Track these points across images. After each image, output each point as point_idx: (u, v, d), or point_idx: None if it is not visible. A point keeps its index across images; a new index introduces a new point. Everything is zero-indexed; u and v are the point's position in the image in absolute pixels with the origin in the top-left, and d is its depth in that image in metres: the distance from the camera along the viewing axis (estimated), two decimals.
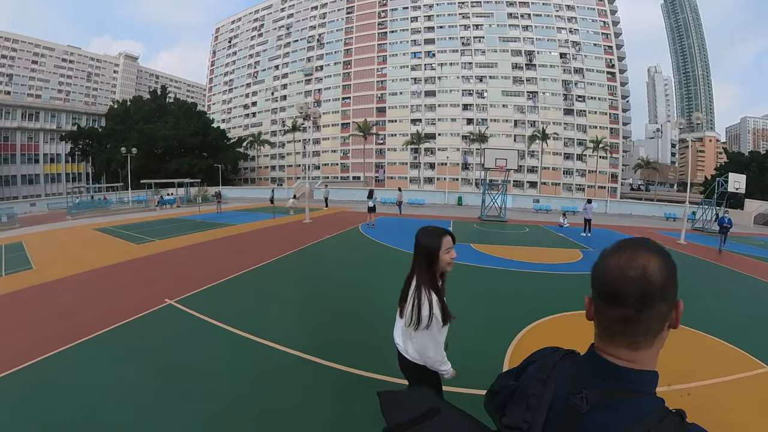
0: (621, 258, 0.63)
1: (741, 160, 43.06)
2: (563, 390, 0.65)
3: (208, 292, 5.86)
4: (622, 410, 0.59)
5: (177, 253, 9.38)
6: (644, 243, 0.65)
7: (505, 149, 20.81)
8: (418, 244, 1.80)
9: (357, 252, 9.76)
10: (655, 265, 0.61)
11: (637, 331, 0.62)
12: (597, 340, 0.68)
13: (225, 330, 4.33)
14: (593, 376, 0.64)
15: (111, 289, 6.20)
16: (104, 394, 3.06)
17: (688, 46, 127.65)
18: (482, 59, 48.04)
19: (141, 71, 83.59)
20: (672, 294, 0.62)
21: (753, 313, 5.56)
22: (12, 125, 44.34)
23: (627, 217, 25.93)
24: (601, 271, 0.65)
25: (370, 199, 14.01)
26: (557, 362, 0.72)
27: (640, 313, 0.61)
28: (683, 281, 0.61)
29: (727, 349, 4.09)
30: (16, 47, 61.87)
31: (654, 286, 0.60)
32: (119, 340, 4.13)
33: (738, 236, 17.06)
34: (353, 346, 3.93)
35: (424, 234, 1.81)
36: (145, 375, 3.38)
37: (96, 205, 25.88)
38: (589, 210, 14.14)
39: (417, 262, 1.80)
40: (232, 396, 3.03)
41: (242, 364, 3.58)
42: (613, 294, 0.62)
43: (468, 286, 6.31)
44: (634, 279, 0.60)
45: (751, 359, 3.81)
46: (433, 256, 1.76)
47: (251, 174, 59.20)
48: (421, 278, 1.76)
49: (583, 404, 0.61)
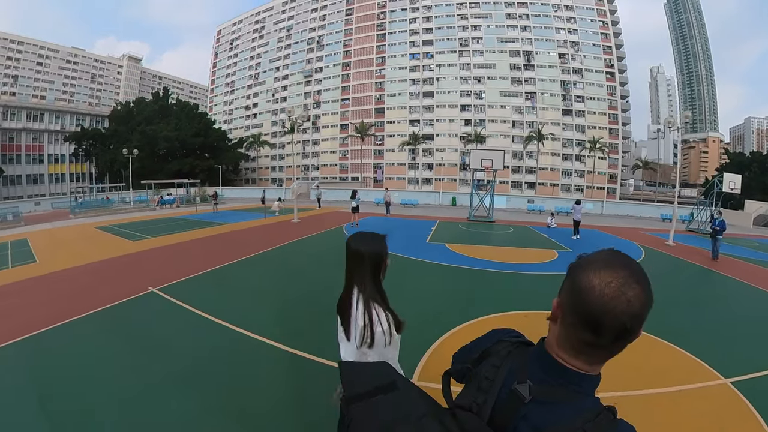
0: (609, 285, 0.60)
1: (742, 160, 42.85)
2: (511, 378, 0.68)
3: (186, 282, 6.53)
4: (563, 406, 0.62)
5: (167, 249, 10.00)
6: (633, 268, 0.62)
7: (491, 150, 20.94)
8: (358, 253, 1.56)
9: (328, 251, 9.82)
10: (640, 299, 0.59)
11: (602, 355, 0.64)
12: (555, 341, 0.68)
13: (193, 312, 4.99)
14: (541, 372, 0.67)
15: (103, 279, 6.88)
16: (85, 360, 3.72)
17: (691, 46, 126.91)
18: (480, 60, 48.23)
19: (144, 72, 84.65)
20: (643, 322, 0.61)
21: (727, 321, 5.25)
22: (17, 126, 45.27)
23: (623, 218, 25.75)
24: (585, 290, 0.61)
25: (353, 199, 14.11)
26: (512, 350, 0.74)
27: (612, 344, 0.61)
28: (662, 287, 0.74)
29: (685, 358, 3.82)
30: (22, 49, 62.97)
31: (635, 323, 0.59)
32: (104, 319, 4.83)
33: (734, 237, 16.68)
34: (307, 333, 4.39)
35: (364, 240, 1.61)
36: (121, 348, 4.01)
37: (98, 205, 26.52)
38: (577, 211, 13.30)
39: (359, 273, 1.57)
40: (191, 367, 3.56)
41: (203, 340, 4.18)
42: (593, 322, 0.60)
43: (417, 282, 6.62)
44: (617, 314, 0.58)
45: (706, 369, 3.58)
46: (382, 263, 1.59)
47: (252, 174, 59.88)
48: (367, 292, 1.55)
49: (525, 393, 0.64)
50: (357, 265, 1.56)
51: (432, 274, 7.37)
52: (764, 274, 8.83)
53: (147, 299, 5.57)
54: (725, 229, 10.38)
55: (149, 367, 3.54)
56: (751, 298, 6.59)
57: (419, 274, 7.31)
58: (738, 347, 4.22)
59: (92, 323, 4.66)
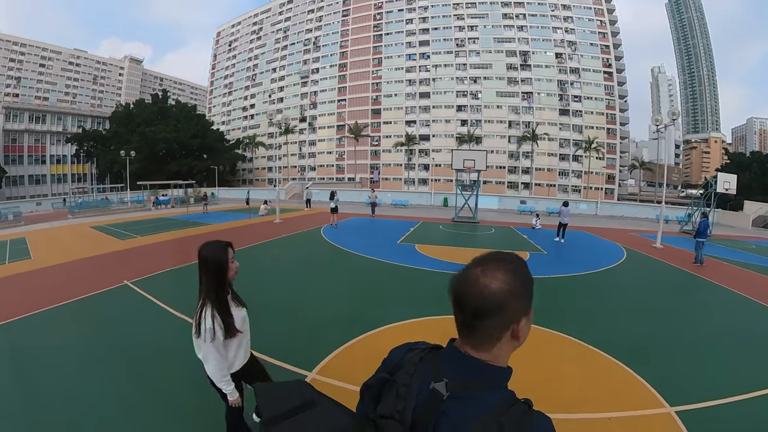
0: (472, 272, 0.70)
1: (742, 160, 42.61)
2: (428, 379, 0.71)
3: (158, 276, 7.14)
4: (477, 399, 0.66)
5: (149, 247, 10.63)
6: (500, 260, 0.71)
7: (473, 150, 21.04)
8: (204, 259, 1.85)
9: (290, 251, 10.03)
10: (497, 284, 0.67)
11: (474, 336, 0.70)
12: (459, 337, 0.74)
13: (156, 304, 5.51)
14: (454, 369, 0.70)
15: (86, 273, 7.57)
16: (56, 342, 4.30)
17: (693, 46, 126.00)
18: (477, 60, 48.26)
19: (146, 74, 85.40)
20: (515, 310, 0.68)
21: (691, 336, 4.75)
22: (20, 128, 45.95)
23: (617, 219, 25.00)
24: (454, 279, 0.72)
25: (331, 200, 14.13)
26: (424, 356, 0.77)
27: (473, 322, 0.68)
28: (632, 294, 0.84)
29: (633, 381, 3.48)
30: (24, 51, 63.78)
31: (489, 304, 0.66)
32: (80, 307, 5.46)
33: (730, 239, 16.31)
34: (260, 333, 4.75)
35: (209, 249, 1.86)
36: (89, 331, 4.65)
37: (97, 205, 26.98)
38: (565, 214, 12.50)
39: (204, 277, 1.86)
40: (144, 349, 4.05)
41: (165, 331, 4.61)
42: (455, 302, 0.71)
43: (359, 283, 6.78)
44: (473, 295, 0.67)
45: (652, 394, 3.28)
46: (222, 269, 1.85)
47: (249, 175, 60.33)
48: (207, 293, 1.84)
49: (443, 391, 0.67)
50: (204, 269, 1.85)
51: (382, 275, 7.37)
52: (752, 279, 8.31)
53: (119, 290, 6.17)
54: (706, 231, 9.78)
55: (100, 349, 4.04)
56: (729, 308, 6.14)
57: (367, 274, 7.46)
58: (695, 369, 3.84)
59: (67, 310, 5.26)
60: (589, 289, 6.88)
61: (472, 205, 18.33)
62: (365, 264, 8.29)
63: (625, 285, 7.41)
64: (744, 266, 9.92)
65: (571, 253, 10.74)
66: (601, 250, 11.51)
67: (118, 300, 5.72)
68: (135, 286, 6.28)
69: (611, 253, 10.83)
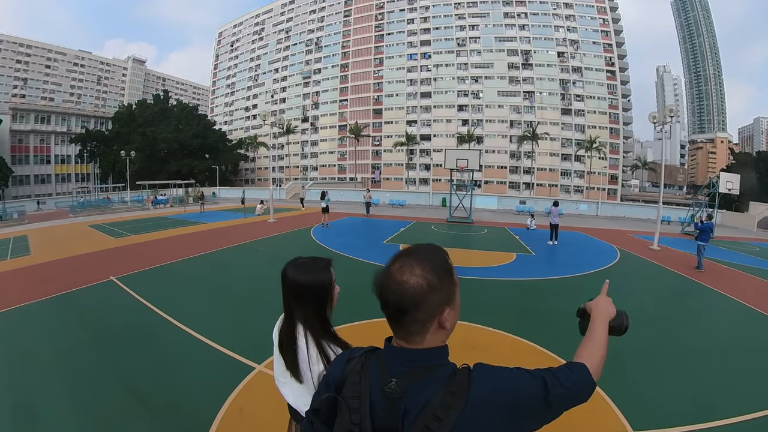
0: (392, 268, 0.71)
1: (748, 160, 41.98)
2: (376, 382, 0.71)
3: (143, 273, 7.29)
4: (428, 383, 0.68)
5: (140, 245, 10.77)
6: (416, 255, 0.72)
7: (467, 149, 20.86)
8: (297, 283, 1.27)
9: (279, 249, 10.06)
10: (415, 280, 0.68)
11: (401, 329, 0.72)
12: None
13: (135, 299, 5.66)
14: (395, 367, 0.72)
15: (77, 268, 7.82)
16: (41, 329, 4.62)
17: (699, 45, 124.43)
18: (478, 60, 48.09)
19: (149, 74, 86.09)
20: (435, 302, 0.69)
21: (672, 351, 4.24)
22: (26, 128, 46.62)
23: (618, 219, 24.51)
24: (377, 275, 0.74)
25: (322, 200, 14.04)
26: (364, 362, 0.76)
27: (397, 317, 0.71)
28: (615, 300, 0.69)
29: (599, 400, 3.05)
30: (30, 52, 64.62)
31: (408, 300, 0.68)
32: (67, 300, 5.71)
33: (734, 241, 15.93)
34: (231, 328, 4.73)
35: (306, 268, 1.30)
36: (73, 322, 4.87)
37: (97, 204, 27.26)
38: (554, 214, 11.92)
39: (300, 308, 1.28)
40: (113, 337, 4.18)
41: (144, 327, 4.71)
42: (378, 298, 0.72)
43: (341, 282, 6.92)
44: (392, 292, 0.69)
45: (616, 415, 2.92)
46: (327, 295, 1.30)
47: (251, 175, 60.59)
48: (315, 332, 1.27)
49: (398, 389, 0.68)
50: (299, 299, 1.27)
51: (356, 275, 7.02)
52: (752, 285, 7.76)
53: (105, 285, 6.37)
54: (707, 233, 8.98)
55: (81, 337, 4.33)
56: (723, 316, 5.69)
57: (342, 272, 7.32)
58: (668, 389, 3.41)
59: (55, 303, 5.55)
60: (572, 293, 6.19)
61: (467, 205, 18.22)
62: (344, 263, 7.98)
63: (609, 290, 7.06)
64: (745, 270, 9.35)
65: (562, 254, 10.57)
66: (594, 251, 11.27)
67: (100, 295, 5.87)
68: (119, 282, 6.40)
69: (604, 254, 10.57)
